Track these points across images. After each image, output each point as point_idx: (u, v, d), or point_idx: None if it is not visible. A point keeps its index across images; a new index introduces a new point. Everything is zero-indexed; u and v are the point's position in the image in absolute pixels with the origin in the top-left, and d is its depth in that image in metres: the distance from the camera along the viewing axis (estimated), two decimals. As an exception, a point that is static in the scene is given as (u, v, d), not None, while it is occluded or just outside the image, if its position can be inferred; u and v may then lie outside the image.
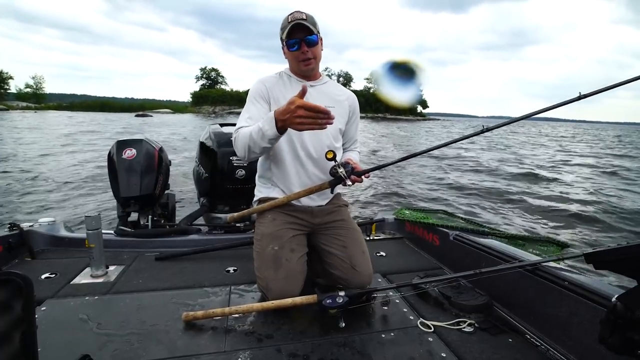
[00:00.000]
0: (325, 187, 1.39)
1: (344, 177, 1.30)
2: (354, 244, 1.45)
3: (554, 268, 1.26)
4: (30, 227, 1.84)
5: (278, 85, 1.46)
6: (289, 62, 1.48)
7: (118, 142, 2.18)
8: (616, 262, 0.89)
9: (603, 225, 5.37)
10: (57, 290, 1.44)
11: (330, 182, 1.37)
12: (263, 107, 1.42)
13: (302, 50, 1.39)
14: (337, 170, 1.31)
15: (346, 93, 1.60)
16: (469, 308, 1.34)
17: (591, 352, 1.06)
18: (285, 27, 1.37)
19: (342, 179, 1.31)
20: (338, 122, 1.50)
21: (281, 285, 1.30)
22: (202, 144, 2.39)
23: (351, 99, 1.59)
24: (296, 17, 1.36)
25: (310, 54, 1.40)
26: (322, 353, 1.11)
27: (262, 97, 1.44)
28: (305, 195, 1.41)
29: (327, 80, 1.56)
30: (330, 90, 1.53)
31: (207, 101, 69.87)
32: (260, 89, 1.44)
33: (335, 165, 1.32)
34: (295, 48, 1.39)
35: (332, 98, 1.50)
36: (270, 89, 1.44)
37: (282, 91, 1.45)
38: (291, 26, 1.35)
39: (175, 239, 1.97)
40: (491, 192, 7.29)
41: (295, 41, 1.38)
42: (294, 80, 1.48)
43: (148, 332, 1.18)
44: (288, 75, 1.50)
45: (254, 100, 1.44)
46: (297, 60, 1.41)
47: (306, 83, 1.44)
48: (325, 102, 1.44)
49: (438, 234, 1.91)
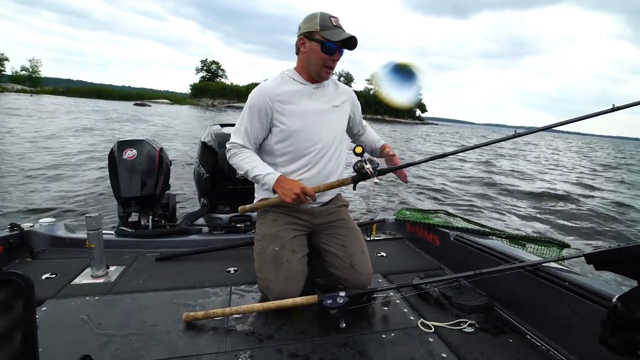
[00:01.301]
0: (347, 183, 1.37)
1: (370, 174, 1.27)
2: (354, 244, 1.45)
3: (555, 268, 1.26)
4: (30, 228, 1.84)
5: (283, 91, 1.40)
6: (309, 60, 1.38)
7: (119, 142, 2.18)
8: (616, 262, 0.89)
9: (603, 225, 5.37)
10: (58, 290, 1.45)
11: (353, 178, 1.34)
12: (260, 123, 1.39)
13: (334, 57, 1.36)
14: (364, 167, 1.28)
15: (345, 91, 1.58)
16: (469, 308, 1.34)
17: (592, 353, 1.06)
18: (329, 28, 1.33)
19: (368, 176, 1.27)
20: (342, 122, 1.52)
21: (282, 286, 1.30)
22: (203, 144, 2.39)
23: (349, 94, 1.58)
24: (339, 24, 1.35)
25: (335, 65, 1.40)
26: (322, 353, 1.11)
27: (261, 110, 1.38)
28: (325, 189, 1.39)
29: (328, 81, 1.54)
30: (332, 92, 1.52)
31: (206, 94, 69.01)
32: (260, 102, 1.38)
33: (361, 160, 1.29)
34: (333, 52, 1.34)
35: (335, 99, 1.50)
36: (273, 99, 1.38)
37: (289, 97, 1.40)
38: (347, 38, 1.33)
39: (176, 240, 1.97)
40: (491, 191, 7.29)
41: (336, 47, 1.34)
42: (299, 84, 1.43)
43: (149, 333, 1.18)
44: (292, 78, 1.44)
45: (252, 113, 1.39)
46: (324, 64, 1.37)
47: (312, 85, 1.43)
48: (329, 103, 1.47)
49: (438, 234, 1.91)
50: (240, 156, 1.42)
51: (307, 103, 1.41)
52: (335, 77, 1.60)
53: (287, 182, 1.34)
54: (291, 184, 1.33)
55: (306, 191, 1.31)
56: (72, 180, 6.58)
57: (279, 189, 1.33)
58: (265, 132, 1.43)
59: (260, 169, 1.38)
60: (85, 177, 6.84)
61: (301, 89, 1.42)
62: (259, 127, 1.40)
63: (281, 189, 1.33)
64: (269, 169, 1.38)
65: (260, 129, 1.41)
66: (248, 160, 1.41)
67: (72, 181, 6.49)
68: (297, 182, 1.35)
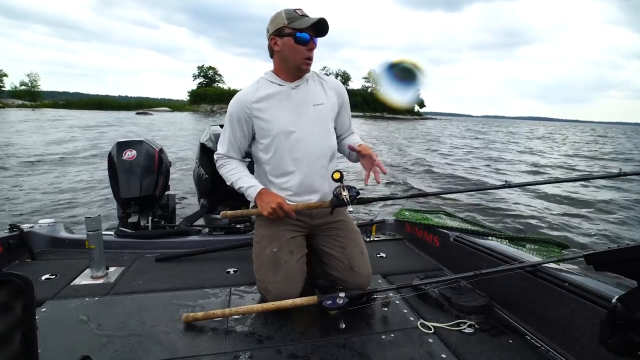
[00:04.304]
0: (325, 206, 1.37)
1: (346, 202, 1.28)
2: (353, 245, 1.45)
3: (554, 269, 1.26)
4: (30, 228, 1.84)
5: (259, 96, 1.37)
6: (286, 57, 1.34)
7: (118, 143, 2.18)
8: (616, 263, 0.89)
9: (603, 225, 5.37)
10: (58, 291, 1.44)
11: (331, 202, 1.35)
12: (241, 131, 1.41)
13: (310, 47, 1.33)
14: (341, 193, 1.29)
15: (333, 87, 1.49)
16: (469, 309, 1.34)
17: (591, 354, 1.06)
18: (296, 18, 1.30)
19: (345, 203, 1.29)
20: (327, 121, 1.45)
21: (280, 287, 1.30)
22: (203, 145, 2.39)
23: (338, 91, 1.49)
24: (306, 14, 1.33)
25: (313, 55, 1.37)
26: (322, 354, 1.11)
27: (240, 119, 1.39)
28: (303, 209, 1.38)
29: (309, 76, 1.45)
30: (315, 89, 1.44)
31: (204, 99, 69.60)
32: (237, 111, 1.38)
33: (339, 187, 1.31)
34: (307, 42, 1.31)
35: (317, 97, 1.43)
36: (249, 106, 1.37)
37: (265, 101, 1.37)
38: (316, 20, 1.29)
39: (176, 240, 1.97)
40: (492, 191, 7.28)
41: (308, 36, 1.31)
42: (276, 86, 1.39)
43: (148, 334, 1.18)
44: (269, 80, 1.40)
45: (232, 122, 1.40)
46: (302, 56, 1.33)
47: (291, 84, 1.40)
48: (311, 101, 1.41)
49: (438, 235, 1.91)
50: (226, 167, 1.45)
51: (284, 105, 1.38)
52: (332, 76, 1.58)
53: (267, 196, 1.36)
54: (270, 197, 1.35)
55: (283, 206, 1.32)
56: (73, 180, 6.58)
57: (259, 202, 1.36)
58: (248, 139, 1.44)
59: (243, 181, 1.41)
60: (86, 177, 6.84)
61: (279, 90, 1.39)
62: (240, 136, 1.42)
63: (260, 201, 1.35)
64: (253, 181, 1.41)
65: (242, 137, 1.42)
66: (233, 172, 1.44)
67: (72, 181, 6.49)
68: (277, 196, 1.36)
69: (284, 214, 1.34)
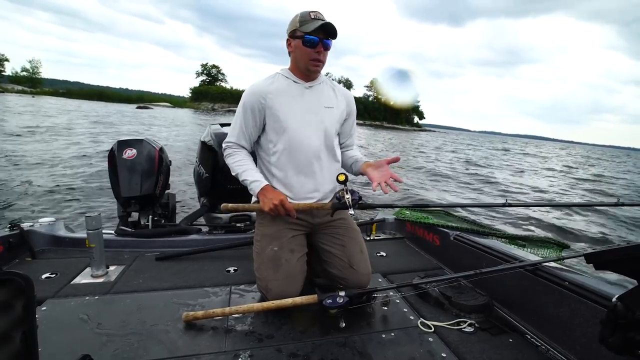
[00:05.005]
0: (326, 208, 1.37)
1: (348, 205, 1.28)
2: (353, 243, 1.45)
3: (555, 268, 1.26)
4: (30, 227, 1.84)
5: (275, 89, 1.41)
6: (297, 58, 1.41)
7: (119, 142, 2.18)
8: (616, 262, 0.89)
9: (603, 225, 5.37)
10: (58, 290, 1.44)
11: (333, 205, 1.35)
12: (253, 121, 1.42)
13: (318, 49, 1.36)
14: (344, 196, 1.29)
15: (344, 95, 1.55)
16: (469, 308, 1.34)
17: (592, 353, 1.06)
18: (307, 21, 1.33)
19: (346, 206, 1.29)
20: (335, 124, 1.48)
21: (280, 286, 1.30)
22: (203, 144, 2.39)
23: (348, 99, 1.55)
24: (320, 17, 1.35)
25: (323, 57, 1.39)
26: (322, 353, 1.11)
27: (254, 108, 1.40)
28: (305, 208, 1.40)
29: (324, 80, 1.52)
30: (327, 93, 1.50)
31: (206, 97, 69.50)
32: (252, 100, 1.40)
33: (342, 189, 1.31)
34: (314, 45, 1.34)
35: (329, 101, 1.48)
36: (265, 97, 1.39)
37: (280, 95, 1.40)
38: (321, 24, 1.31)
39: (176, 239, 1.97)
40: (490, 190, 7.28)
41: (316, 39, 1.34)
42: (291, 82, 1.44)
43: (148, 332, 1.18)
44: (285, 76, 1.45)
45: (245, 111, 1.42)
46: (309, 57, 1.37)
47: (305, 83, 1.44)
48: (323, 102, 1.45)
49: (438, 234, 1.91)
50: (234, 157, 1.45)
51: (297, 101, 1.42)
52: (335, 82, 1.59)
53: (270, 192, 1.36)
54: (273, 194, 1.35)
55: (285, 204, 1.33)
56: (72, 180, 6.58)
57: (261, 197, 1.36)
58: (259, 130, 1.45)
59: (249, 174, 1.41)
60: (86, 177, 6.84)
61: (294, 86, 1.43)
62: (252, 126, 1.43)
63: (263, 197, 1.36)
64: (258, 175, 1.41)
65: (254, 127, 1.43)
66: (240, 163, 1.44)
67: (72, 181, 6.49)
68: (280, 194, 1.37)
69: (285, 212, 1.34)
